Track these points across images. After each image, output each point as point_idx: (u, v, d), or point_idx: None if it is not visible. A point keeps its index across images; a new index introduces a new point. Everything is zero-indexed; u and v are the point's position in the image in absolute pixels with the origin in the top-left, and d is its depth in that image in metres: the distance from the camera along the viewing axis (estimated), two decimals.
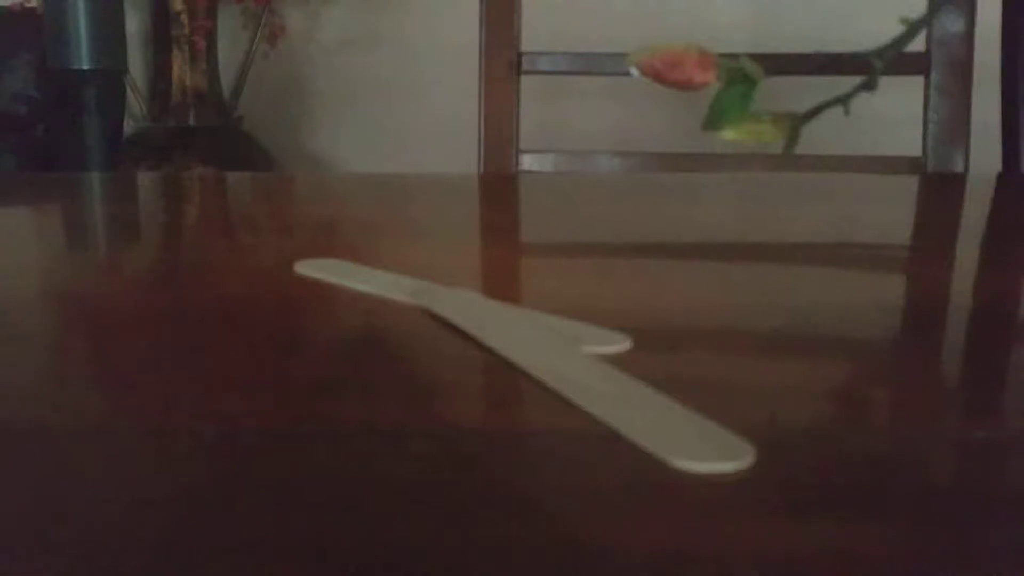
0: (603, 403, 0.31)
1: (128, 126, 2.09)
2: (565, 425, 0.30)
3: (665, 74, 0.39)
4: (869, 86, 0.42)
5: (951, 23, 0.96)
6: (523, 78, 1.02)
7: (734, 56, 0.40)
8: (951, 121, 0.96)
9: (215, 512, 0.24)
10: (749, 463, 0.27)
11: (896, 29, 0.44)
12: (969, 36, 0.96)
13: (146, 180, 1.09)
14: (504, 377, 0.35)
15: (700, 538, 0.23)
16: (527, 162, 1.00)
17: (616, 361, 0.37)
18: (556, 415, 0.31)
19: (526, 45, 1.03)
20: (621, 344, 0.38)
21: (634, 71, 0.39)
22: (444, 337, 0.40)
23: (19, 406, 0.32)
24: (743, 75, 0.39)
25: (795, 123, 0.41)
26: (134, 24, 2.09)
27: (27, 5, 2.01)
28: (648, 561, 0.22)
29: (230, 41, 2.18)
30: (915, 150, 0.97)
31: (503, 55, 1.01)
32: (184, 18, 2.07)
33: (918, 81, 0.97)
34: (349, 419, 0.30)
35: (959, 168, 0.95)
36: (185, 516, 0.24)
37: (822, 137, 0.62)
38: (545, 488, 0.26)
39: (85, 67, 1.85)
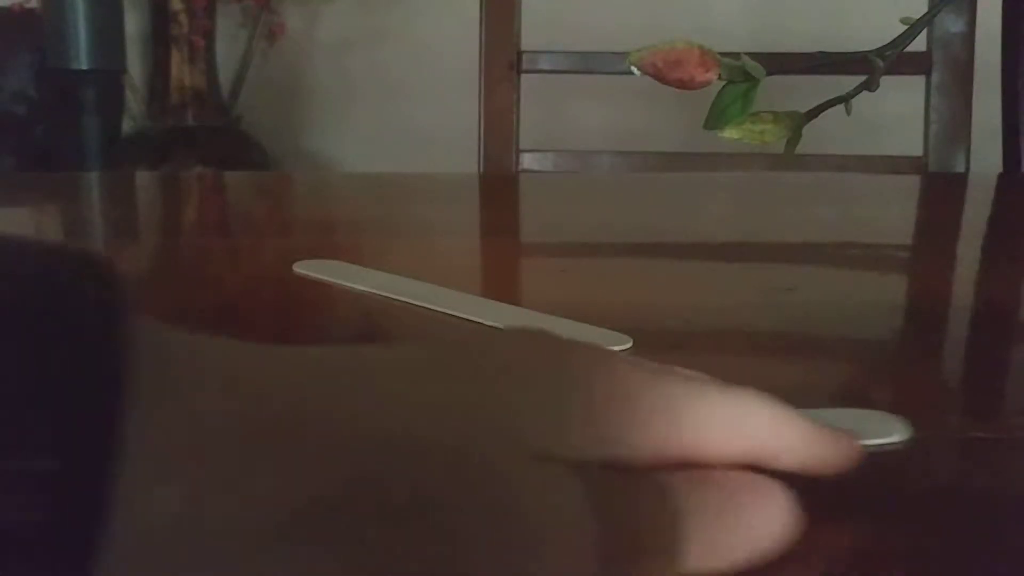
0: None
1: (126, 125, 2.09)
2: None
3: (666, 73, 0.38)
4: (870, 85, 0.42)
5: (952, 23, 0.96)
6: (523, 77, 1.02)
7: (735, 55, 0.40)
8: (952, 121, 0.95)
9: None
10: None
11: (897, 29, 0.44)
12: (970, 36, 0.96)
13: (145, 180, 1.09)
14: None
15: None
16: (527, 162, 1.00)
17: None
18: None
19: (526, 44, 1.02)
20: (621, 344, 0.38)
21: (635, 70, 0.39)
22: (443, 338, 0.40)
23: None
24: (744, 74, 0.39)
25: (797, 122, 0.41)
26: (133, 24, 2.08)
27: (26, 5, 2.00)
28: None
29: (229, 40, 2.17)
30: (916, 150, 0.97)
31: (503, 54, 1.01)
32: (183, 17, 2.06)
33: (919, 81, 0.97)
34: None
35: (960, 168, 0.95)
36: None
37: (823, 136, 0.62)
38: None
39: (84, 67, 1.85)
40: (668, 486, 0.22)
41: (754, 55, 0.41)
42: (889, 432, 0.29)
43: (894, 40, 0.43)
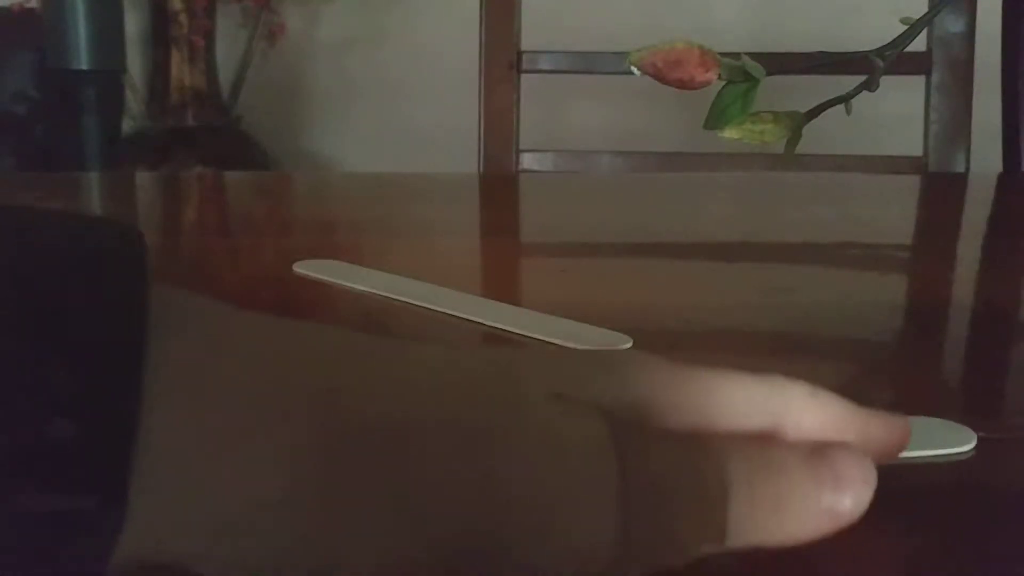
0: None
1: (126, 125, 2.09)
2: None
3: (666, 73, 0.38)
4: (870, 85, 0.42)
5: (952, 23, 0.96)
6: (523, 77, 1.02)
7: (735, 55, 0.40)
8: (952, 121, 0.95)
9: None
10: None
11: (897, 28, 0.44)
12: (970, 36, 0.96)
13: (145, 180, 1.09)
14: None
15: None
16: (527, 161, 1.00)
17: None
18: None
19: (526, 44, 1.02)
20: (621, 344, 0.38)
21: (635, 70, 0.39)
22: (443, 338, 0.40)
23: None
24: (745, 74, 0.39)
25: (797, 122, 0.41)
26: (133, 24, 2.08)
27: (26, 5, 2.00)
28: None
29: (229, 41, 2.17)
30: (916, 150, 0.97)
31: (503, 54, 1.01)
32: (183, 18, 2.06)
33: (919, 80, 0.97)
34: None
35: (960, 168, 0.95)
36: None
37: (824, 136, 0.62)
38: None
39: (84, 67, 1.85)
40: (707, 440, 0.20)
41: (754, 55, 0.40)
42: (956, 442, 0.29)
43: (894, 40, 0.43)
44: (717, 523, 0.19)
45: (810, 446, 0.21)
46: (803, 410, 0.22)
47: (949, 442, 0.29)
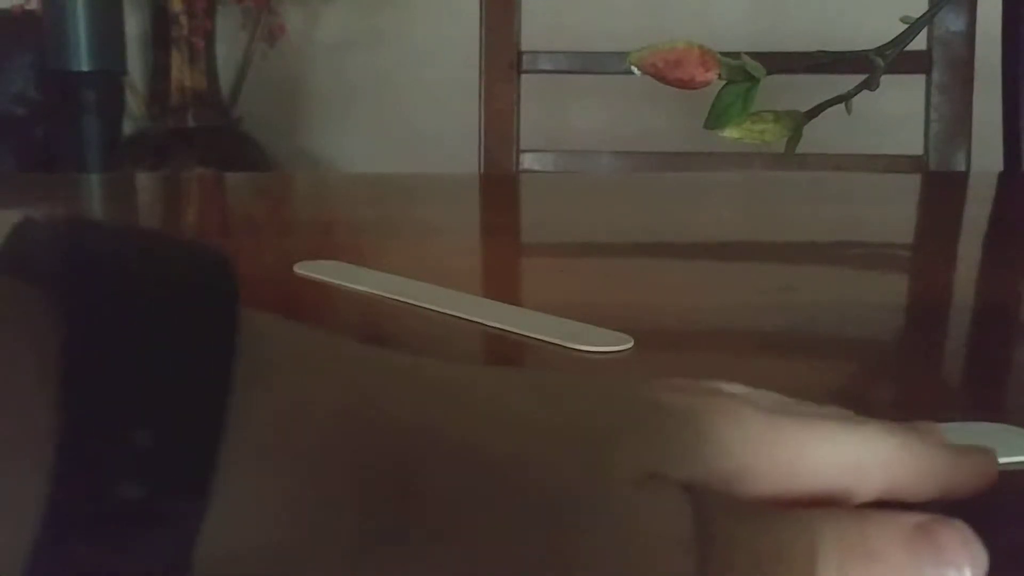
0: None
1: (127, 127, 2.09)
2: None
3: (667, 73, 0.38)
4: (871, 85, 0.42)
5: (952, 22, 0.95)
6: (523, 77, 1.02)
7: (736, 55, 0.40)
8: (953, 120, 0.95)
9: None
10: None
11: (897, 28, 0.44)
12: (970, 34, 0.96)
13: (145, 181, 1.09)
14: None
15: None
16: (527, 162, 1.00)
17: (617, 361, 0.37)
18: None
19: (526, 44, 1.02)
20: (622, 344, 0.38)
21: (635, 70, 0.39)
22: (444, 338, 0.40)
23: None
24: (745, 74, 0.39)
25: (797, 122, 0.41)
26: (133, 25, 2.08)
27: (27, 7, 2.00)
28: None
29: (229, 42, 2.17)
30: (917, 149, 0.96)
31: (503, 54, 1.01)
32: (183, 19, 2.06)
33: (919, 80, 0.97)
34: None
35: (961, 167, 0.95)
36: None
37: (824, 136, 0.62)
38: None
39: (84, 69, 1.85)
40: (799, 518, 0.19)
41: (754, 55, 0.41)
42: (1021, 450, 0.28)
43: (894, 39, 0.43)
44: None
45: (913, 522, 0.20)
46: (893, 462, 0.22)
47: (1015, 449, 0.28)
